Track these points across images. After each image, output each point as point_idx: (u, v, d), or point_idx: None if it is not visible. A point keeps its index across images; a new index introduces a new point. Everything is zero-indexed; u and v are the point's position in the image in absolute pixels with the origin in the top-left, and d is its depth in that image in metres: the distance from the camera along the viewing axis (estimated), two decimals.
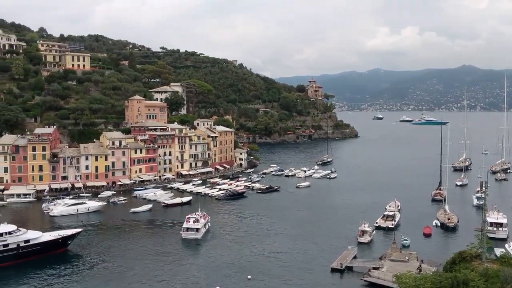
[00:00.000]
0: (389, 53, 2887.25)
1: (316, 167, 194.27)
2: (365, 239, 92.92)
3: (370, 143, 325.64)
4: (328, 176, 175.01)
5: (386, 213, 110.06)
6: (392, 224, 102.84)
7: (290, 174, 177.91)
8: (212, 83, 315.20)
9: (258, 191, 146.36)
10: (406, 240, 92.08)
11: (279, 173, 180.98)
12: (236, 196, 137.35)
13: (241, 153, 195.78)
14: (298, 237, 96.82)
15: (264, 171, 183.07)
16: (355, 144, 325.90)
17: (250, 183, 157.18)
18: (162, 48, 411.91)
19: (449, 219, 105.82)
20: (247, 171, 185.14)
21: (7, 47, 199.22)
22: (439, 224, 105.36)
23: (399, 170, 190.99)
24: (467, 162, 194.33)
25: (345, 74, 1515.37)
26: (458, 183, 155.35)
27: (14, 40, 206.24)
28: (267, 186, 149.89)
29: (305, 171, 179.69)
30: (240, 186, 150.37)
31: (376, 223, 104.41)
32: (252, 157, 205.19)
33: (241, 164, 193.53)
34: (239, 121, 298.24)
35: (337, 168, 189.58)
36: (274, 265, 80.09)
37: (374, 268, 74.47)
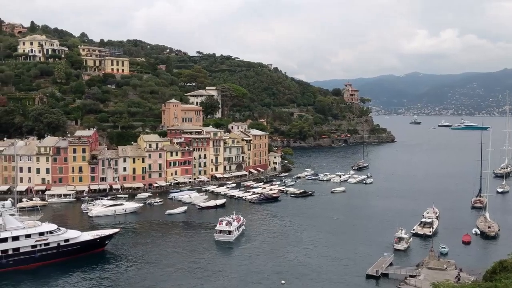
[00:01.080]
0: (428, 56, 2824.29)
1: (351, 172, 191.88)
2: (401, 246, 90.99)
3: (407, 148, 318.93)
4: (364, 182, 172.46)
5: (423, 220, 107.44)
6: (430, 231, 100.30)
7: (325, 178, 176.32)
8: (247, 87, 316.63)
9: (292, 195, 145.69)
10: (444, 248, 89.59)
11: (313, 177, 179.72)
12: (270, 200, 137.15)
13: (275, 157, 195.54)
14: (332, 242, 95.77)
15: (299, 175, 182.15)
16: (391, 149, 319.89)
17: (284, 187, 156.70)
18: (198, 52, 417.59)
19: (489, 227, 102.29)
20: (281, 175, 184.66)
21: (50, 52, 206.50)
22: (478, 232, 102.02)
23: (438, 176, 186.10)
24: (508, 169, 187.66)
25: (382, 77, 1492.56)
26: (499, 190, 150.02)
27: (57, 45, 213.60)
28: (302, 191, 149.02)
29: (340, 176, 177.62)
30: (274, 190, 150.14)
31: (413, 230, 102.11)
32: (286, 161, 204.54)
33: (275, 168, 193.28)
34: (274, 125, 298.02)
35: (373, 173, 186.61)
36: (308, 271, 79.42)
37: (411, 276, 72.81)
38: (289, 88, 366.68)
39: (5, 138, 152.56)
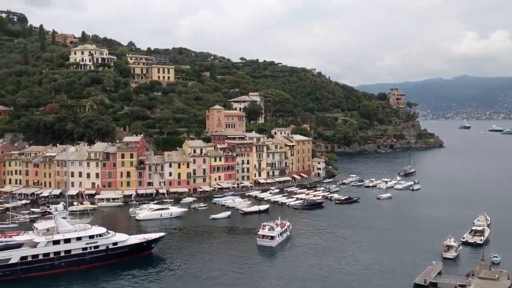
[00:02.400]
0: (477, 59, 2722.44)
1: (398, 178, 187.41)
2: (450, 254, 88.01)
3: (456, 153, 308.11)
4: (411, 188, 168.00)
5: (474, 227, 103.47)
6: (481, 240, 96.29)
7: (370, 185, 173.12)
8: (290, 92, 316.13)
9: (337, 201, 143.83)
10: (497, 257, 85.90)
11: (359, 183, 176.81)
12: (313, 206, 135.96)
13: (319, 163, 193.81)
14: (378, 250, 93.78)
15: (343, 181, 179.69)
16: (440, 154, 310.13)
17: (328, 193, 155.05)
18: (242, 58, 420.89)
19: None
20: (325, 181, 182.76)
21: (100, 61, 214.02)
22: None
23: (489, 183, 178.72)
24: None
25: (430, 81, 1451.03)
26: None
27: (106, 54, 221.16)
28: (346, 197, 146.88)
29: (386, 182, 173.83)
30: (318, 196, 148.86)
31: (463, 238, 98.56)
32: (330, 167, 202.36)
33: (319, 173, 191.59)
34: (317, 130, 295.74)
35: (420, 179, 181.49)
36: (352, 279, 78.12)
37: (461, 286, 70.21)
38: (333, 92, 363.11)
39: (57, 144, 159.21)
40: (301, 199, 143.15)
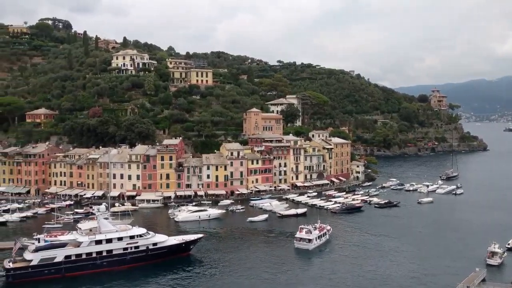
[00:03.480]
0: None
1: (440, 182, 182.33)
2: (495, 261, 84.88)
3: (501, 157, 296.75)
4: (454, 192, 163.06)
5: None
6: None
7: (411, 188, 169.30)
8: (328, 94, 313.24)
9: (376, 205, 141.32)
10: None
11: (399, 187, 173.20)
12: (352, 210, 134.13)
13: (358, 166, 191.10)
14: (419, 256, 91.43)
15: (383, 184, 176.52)
16: (484, 157, 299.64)
17: (367, 197, 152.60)
18: (279, 61, 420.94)
19: None
20: (364, 185, 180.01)
21: (140, 65, 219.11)
22: None
23: None
24: None
25: (473, 82, 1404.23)
26: None
27: (147, 59, 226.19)
28: (386, 201, 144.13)
29: (427, 186, 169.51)
30: (357, 199, 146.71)
31: (508, 244, 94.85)
32: (369, 170, 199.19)
33: (357, 177, 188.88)
34: (356, 133, 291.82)
35: (463, 183, 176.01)
36: (391, 285, 76.44)
37: None
38: (372, 94, 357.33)
39: (100, 147, 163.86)
40: (340, 202, 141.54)
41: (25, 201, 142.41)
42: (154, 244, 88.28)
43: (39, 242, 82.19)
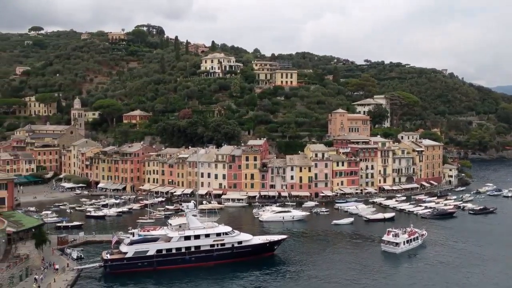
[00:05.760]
0: None
1: None
2: None
3: None
4: None
5: None
6: None
7: (509, 195, 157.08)
8: (419, 94, 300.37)
9: (470, 211, 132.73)
10: None
11: (496, 193, 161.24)
12: (444, 215, 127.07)
13: (450, 170, 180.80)
14: None
15: (478, 190, 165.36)
16: None
17: (460, 202, 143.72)
18: (366, 60, 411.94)
19: None
20: (457, 189, 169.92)
21: (227, 68, 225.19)
22: None
23: None
24: None
25: None
26: None
27: (233, 62, 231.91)
28: (481, 207, 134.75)
29: None
30: (449, 205, 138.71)
31: None
32: (463, 174, 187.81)
33: (450, 181, 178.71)
34: (449, 135, 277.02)
35: None
36: None
37: None
38: (467, 94, 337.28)
39: (189, 147, 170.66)
40: (430, 207, 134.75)
41: (121, 197, 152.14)
42: (239, 242, 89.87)
43: (133, 236, 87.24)
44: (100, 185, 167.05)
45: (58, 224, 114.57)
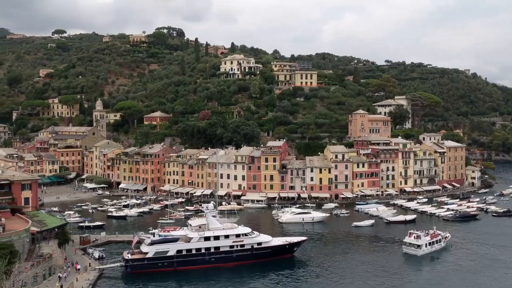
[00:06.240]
0: None
1: None
2: None
3: None
4: None
5: None
6: None
7: None
8: (440, 95, 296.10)
9: (494, 214, 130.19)
10: None
11: None
12: (467, 218, 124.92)
13: (473, 171, 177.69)
14: None
15: (502, 192, 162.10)
16: None
17: (484, 204, 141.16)
18: (387, 61, 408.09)
19: None
20: (480, 191, 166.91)
21: (247, 69, 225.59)
22: None
23: None
24: None
25: None
26: None
27: (253, 63, 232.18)
28: (505, 210, 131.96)
29: None
30: (472, 207, 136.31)
31: None
32: (486, 176, 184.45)
33: (473, 183, 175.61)
34: (471, 136, 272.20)
35: None
36: None
37: None
38: (490, 95, 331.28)
39: (209, 148, 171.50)
40: (453, 210, 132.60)
41: (142, 198, 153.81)
42: (259, 243, 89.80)
43: (154, 236, 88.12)
44: (121, 185, 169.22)
45: (81, 224, 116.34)
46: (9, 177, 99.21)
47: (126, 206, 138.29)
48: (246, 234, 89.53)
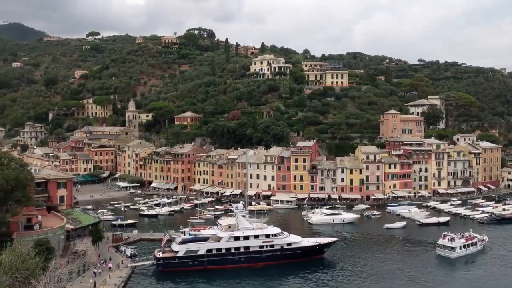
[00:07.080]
0: None
1: None
2: None
3: None
4: None
5: None
6: None
7: None
8: (475, 95, 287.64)
9: None
10: None
11: None
12: (503, 221, 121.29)
13: (509, 173, 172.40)
14: None
15: None
16: None
17: None
18: (420, 60, 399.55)
19: None
20: None
21: (276, 70, 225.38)
22: None
23: None
24: None
25: None
26: None
27: (283, 63, 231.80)
28: None
29: None
30: (509, 210, 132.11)
31: None
32: None
33: (509, 185, 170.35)
34: (508, 137, 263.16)
35: None
36: None
37: None
38: None
39: (238, 148, 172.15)
40: (488, 212, 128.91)
41: (173, 197, 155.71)
42: (289, 244, 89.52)
43: (184, 235, 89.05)
44: (153, 184, 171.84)
45: (114, 222, 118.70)
46: (46, 176, 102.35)
47: (157, 205, 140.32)
48: (276, 235, 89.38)
